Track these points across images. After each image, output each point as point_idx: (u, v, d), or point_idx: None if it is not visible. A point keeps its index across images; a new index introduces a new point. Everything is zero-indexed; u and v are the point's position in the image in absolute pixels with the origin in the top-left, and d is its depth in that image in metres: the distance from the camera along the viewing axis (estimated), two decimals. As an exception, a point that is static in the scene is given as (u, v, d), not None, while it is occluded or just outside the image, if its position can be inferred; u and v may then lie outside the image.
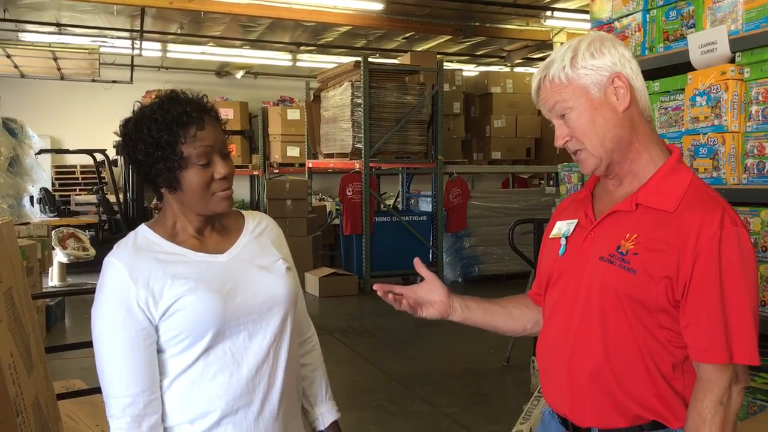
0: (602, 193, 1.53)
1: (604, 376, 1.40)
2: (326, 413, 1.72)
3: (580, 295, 1.44)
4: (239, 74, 13.19)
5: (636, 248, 1.36)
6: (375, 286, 1.54)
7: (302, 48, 11.64)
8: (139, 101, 1.53)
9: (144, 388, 1.42)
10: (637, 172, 1.44)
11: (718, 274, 1.31)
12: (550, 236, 1.57)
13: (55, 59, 9.78)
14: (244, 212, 1.67)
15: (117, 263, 1.44)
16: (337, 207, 10.25)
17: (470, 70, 12.69)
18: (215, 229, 1.56)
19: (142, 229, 1.53)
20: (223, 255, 1.53)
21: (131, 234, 1.52)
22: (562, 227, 1.54)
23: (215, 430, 1.46)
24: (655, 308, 1.35)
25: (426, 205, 9.73)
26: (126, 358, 1.41)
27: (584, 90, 1.41)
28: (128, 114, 1.50)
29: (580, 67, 1.40)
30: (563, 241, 1.51)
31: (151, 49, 11.52)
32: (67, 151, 10.23)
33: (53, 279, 8.58)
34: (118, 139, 1.51)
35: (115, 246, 1.50)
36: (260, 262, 1.56)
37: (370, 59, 8.78)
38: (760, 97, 2.26)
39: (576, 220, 1.52)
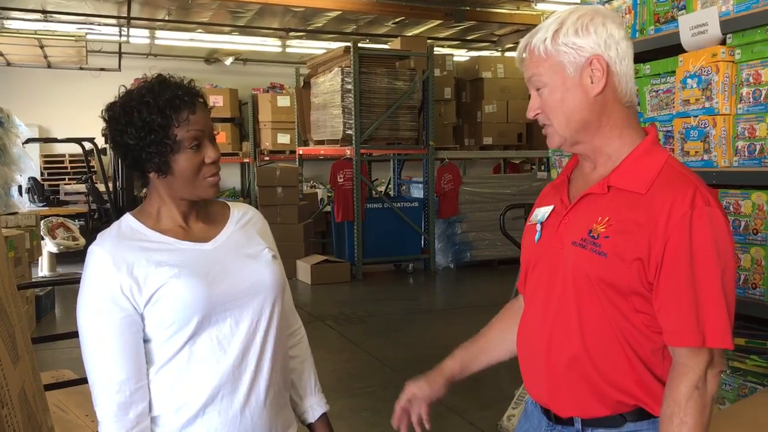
0: (578, 177, 1.51)
1: (582, 363, 1.38)
2: (315, 406, 1.72)
3: (556, 281, 1.42)
4: (228, 61, 13.08)
5: (607, 231, 1.34)
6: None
7: (292, 34, 11.54)
8: (124, 86, 1.51)
9: (130, 376, 1.41)
10: (611, 155, 1.42)
11: (688, 255, 1.28)
12: (528, 223, 1.56)
13: (42, 47, 9.68)
14: (230, 203, 1.67)
15: (100, 252, 1.43)
16: (329, 194, 10.22)
17: (461, 55, 12.63)
18: (200, 218, 1.55)
19: (127, 217, 1.52)
20: (208, 243, 1.52)
21: (116, 223, 1.52)
22: (538, 213, 1.53)
23: (199, 417, 1.45)
24: (628, 291, 1.33)
25: (418, 192, 9.71)
26: (111, 346, 1.40)
27: (560, 67, 1.38)
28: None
29: (560, 44, 1.37)
30: (538, 227, 1.50)
31: (139, 36, 11.40)
32: (56, 140, 10.13)
33: (43, 269, 8.53)
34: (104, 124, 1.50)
35: (98, 235, 1.49)
36: (246, 250, 1.55)
37: (360, 45, 8.74)
38: (751, 79, 2.25)
39: (552, 206, 1.50)
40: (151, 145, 1.41)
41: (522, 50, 1.44)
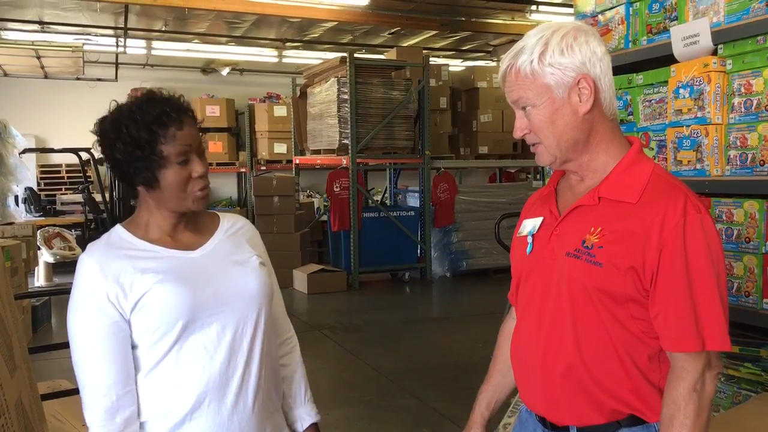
0: (565, 188, 1.53)
1: (578, 372, 1.40)
2: (305, 415, 1.73)
3: (550, 292, 1.43)
4: (225, 71, 13.09)
5: (601, 241, 1.36)
6: None
7: (288, 44, 11.57)
8: (115, 100, 1.55)
9: (117, 381, 1.44)
10: (597, 169, 1.44)
11: (684, 262, 1.31)
12: (518, 235, 1.57)
13: (39, 57, 9.67)
14: (220, 213, 1.69)
15: (89, 260, 1.47)
16: (325, 203, 10.22)
17: (456, 65, 12.68)
18: (189, 227, 1.58)
19: (117, 228, 1.56)
20: (195, 251, 1.55)
21: (106, 234, 1.56)
22: (528, 225, 1.54)
23: (187, 423, 1.47)
24: (625, 299, 1.35)
25: (414, 201, 9.73)
26: (98, 351, 1.43)
27: (548, 89, 1.39)
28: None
29: (547, 64, 1.38)
30: (530, 239, 1.51)
31: (135, 47, 11.42)
32: (52, 150, 10.10)
33: (39, 279, 8.51)
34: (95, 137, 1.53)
35: (89, 245, 1.53)
36: (234, 258, 1.58)
37: (356, 55, 8.77)
38: (743, 89, 2.27)
39: (541, 218, 1.51)
40: (139, 161, 1.45)
41: (505, 71, 1.44)
